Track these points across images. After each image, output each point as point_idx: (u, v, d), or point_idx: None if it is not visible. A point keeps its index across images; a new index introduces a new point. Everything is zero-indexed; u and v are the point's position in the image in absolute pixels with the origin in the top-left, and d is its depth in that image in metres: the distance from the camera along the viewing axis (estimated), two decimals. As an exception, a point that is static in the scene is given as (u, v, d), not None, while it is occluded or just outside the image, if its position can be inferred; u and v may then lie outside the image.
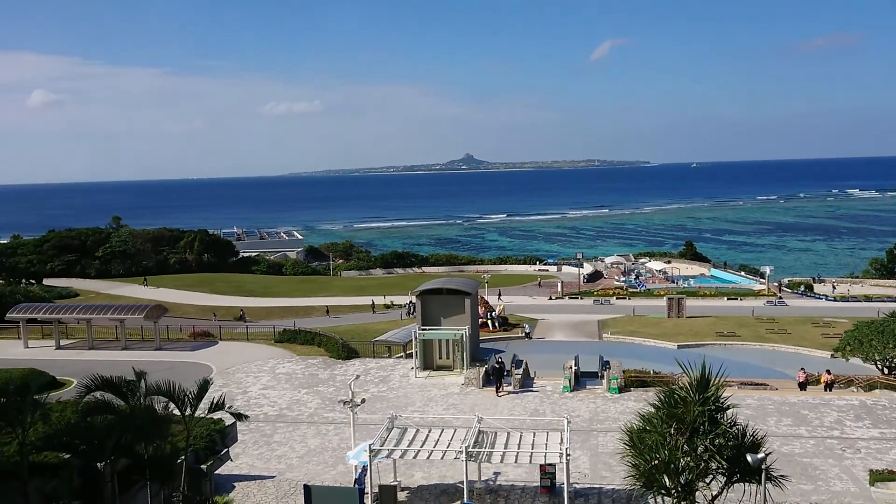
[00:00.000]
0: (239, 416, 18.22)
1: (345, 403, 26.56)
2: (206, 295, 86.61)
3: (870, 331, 41.84)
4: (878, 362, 41.92)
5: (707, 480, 18.13)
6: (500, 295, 79.01)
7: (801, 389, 38.77)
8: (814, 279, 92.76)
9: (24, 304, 54.63)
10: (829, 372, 39.57)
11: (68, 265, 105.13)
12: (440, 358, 43.38)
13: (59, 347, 51.75)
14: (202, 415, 16.42)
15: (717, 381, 18.58)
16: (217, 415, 19.07)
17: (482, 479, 26.62)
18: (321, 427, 33.83)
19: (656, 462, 18.13)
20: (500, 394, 37.30)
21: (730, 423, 18.52)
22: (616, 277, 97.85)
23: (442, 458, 23.91)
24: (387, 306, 76.44)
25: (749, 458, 17.70)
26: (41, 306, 54.72)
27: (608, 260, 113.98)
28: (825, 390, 38.03)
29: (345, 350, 46.98)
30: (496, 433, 25.50)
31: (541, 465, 25.13)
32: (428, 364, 43.03)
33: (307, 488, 22.33)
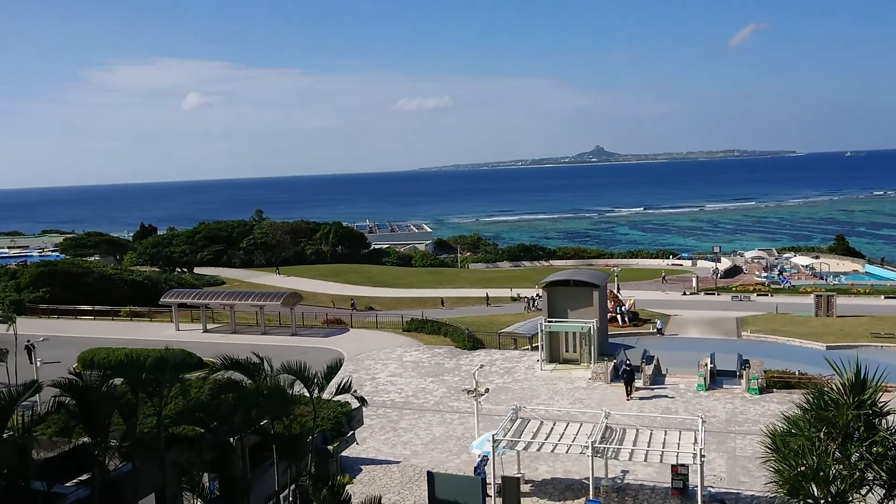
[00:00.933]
0: (362, 400, 18.54)
1: (469, 392, 26.49)
2: (338, 284, 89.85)
3: None
4: None
5: (863, 492, 16.40)
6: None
7: None
8: None
9: (175, 290, 58.93)
10: None
11: (216, 255, 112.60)
12: (567, 351, 42.50)
13: (205, 331, 55.32)
14: (329, 397, 16.73)
15: (874, 384, 16.77)
16: (341, 398, 19.47)
17: (609, 476, 25.71)
18: (446, 416, 34.01)
19: (803, 468, 16.60)
20: (629, 398, 35.59)
21: (891, 430, 16.67)
22: (757, 273, 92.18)
23: (567, 453, 23.30)
24: (514, 298, 76.00)
25: (913, 469, 15.81)
26: (190, 292, 58.74)
27: (748, 254, 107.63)
28: None
29: (470, 341, 47.09)
30: (624, 430, 24.53)
31: (672, 466, 23.91)
32: (554, 357, 42.27)
33: (430, 475, 22.41)
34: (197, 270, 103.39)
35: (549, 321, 42.03)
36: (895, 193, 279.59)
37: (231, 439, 14.56)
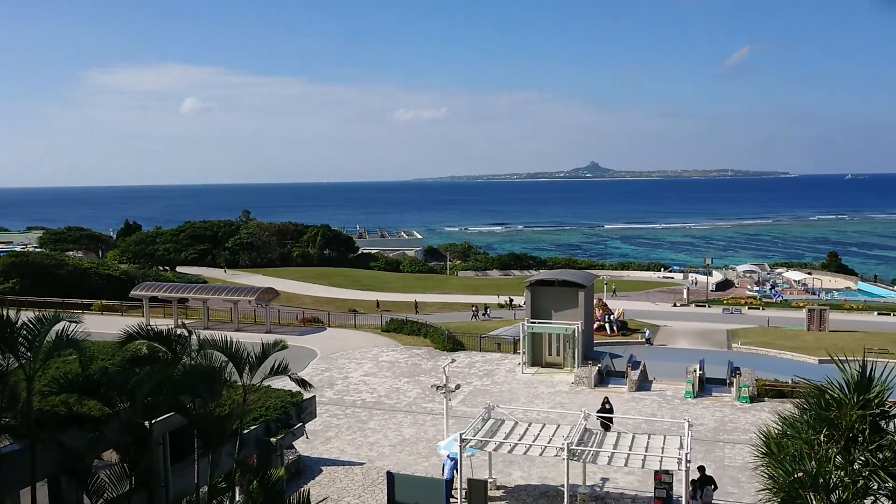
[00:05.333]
0: (303, 384, 16.57)
1: (438, 388, 24.58)
2: (323, 287, 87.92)
3: None
4: None
5: (867, 502, 14.56)
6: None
7: None
8: None
9: (146, 283, 56.84)
10: None
11: (200, 254, 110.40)
12: (550, 354, 40.60)
13: (177, 326, 53.18)
14: (261, 379, 14.79)
15: (882, 382, 14.97)
16: (294, 387, 17.54)
17: (587, 484, 23.77)
18: (418, 417, 32.06)
19: (800, 475, 14.73)
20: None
21: (898, 433, 14.86)
22: (748, 287, 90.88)
23: (541, 455, 21.34)
24: (500, 305, 74.25)
25: (926, 477, 13.99)
26: (162, 285, 56.65)
27: (740, 268, 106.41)
28: None
29: (450, 342, 45.19)
30: (605, 433, 22.65)
31: (655, 473, 22.00)
32: (536, 360, 40.37)
33: (390, 476, 20.49)
34: (180, 269, 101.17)
35: (532, 322, 40.17)
36: (885, 216, 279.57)
37: (147, 422, 12.63)
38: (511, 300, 74.25)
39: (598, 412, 27.08)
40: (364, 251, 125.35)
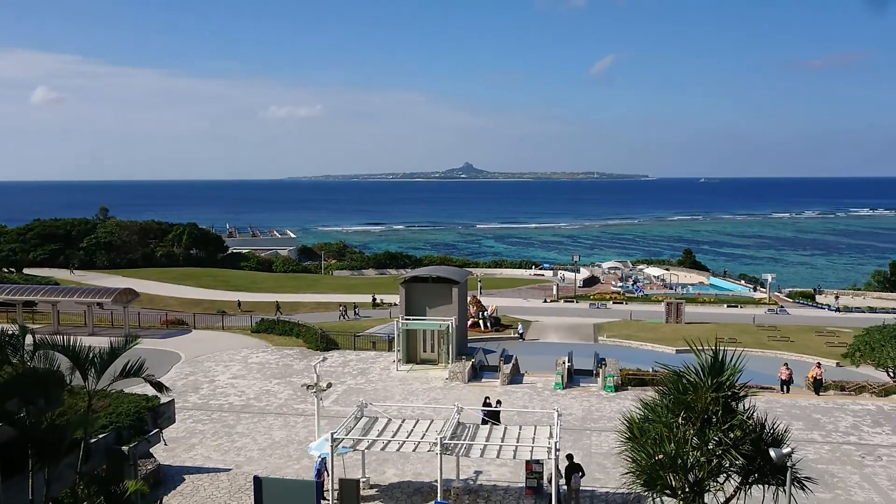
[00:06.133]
0: (159, 386, 15.41)
1: (309, 388, 23.80)
2: (190, 288, 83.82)
3: (881, 336, 39.24)
4: (891, 369, 39.24)
5: (720, 480, 15.34)
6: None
7: (783, 388, 35.71)
8: (815, 290, 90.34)
9: (-14, 285, 51.80)
10: (819, 365, 36.86)
11: (52, 255, 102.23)
12: (424, 351, 40.58)
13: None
14: (109, 383, 13.56)
15: (732, 366, 15.84)
16: (151, 391, 16.28)
17: (461, 478, 23.81)
18: (290, 419, 31.02)
19: (660, 457, 15.34)
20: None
21: (747, 413, 15.77)
22: (613, 283, 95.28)
23: (414, 451, 21.14)
24: (375, 304, 73.74)
25: (772, 452, 14.96)
26: (5, 287, 51.86)
27: (605, 265, 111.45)
28: (813, 385, 35.09)
29: (324, 341, 44.20)
30: (477, 426, 22.75)
31: (527, 463, 22.35)
32: (411, 357, 40.23)
33: (257, 481, 19.54)
34: (28, 271, 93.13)
35: (406, 319, 39.97)
36: (740, 217, 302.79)
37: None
38: (375, 299, 73.67)
39: (486, 413, 27.31)
40: (234, 251, 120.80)
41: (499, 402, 30.22)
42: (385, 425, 22.50)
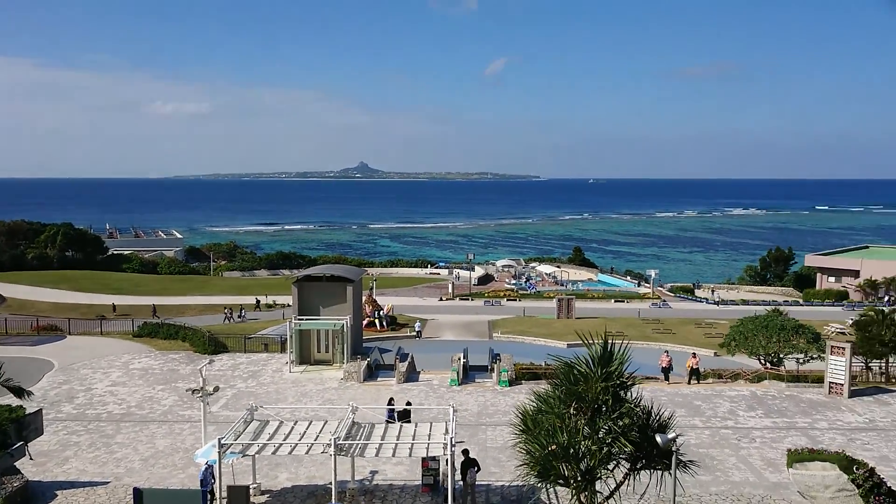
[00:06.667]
0: (20, 392, 14.20)
1: (194, 392, 22.66)
2: (66, 292, 78.60)
3: (754, 326, 41.72)
4: (762, 357, 41.84)
5: (610, 467, 15.72)
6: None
7: (664, 376, 37.35)
8: (694, 285, 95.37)
9: None
10: (694, 356, 38.87)
11: None
12: (319, 351, 39.72)
13: None
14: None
15: (620, 355, 16.27)
16: (14, 401, 14.91)
17: (357, 478, 23.37)
18: (175, 426, 29.49)
19: (553, 447, 15.54)
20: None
21: (635, 402, 16.24)
22: (507, 280, 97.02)
23: (307, 453, 20.48)
24: (269, 305, 71.74)
25: (658, 438, 15.46)
26: None
27: (499, 263, 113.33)
28: (690, 375, 36.82)
29: (212, 344, 42.42)
30: (373, 425, 22.37)
31: (423, 461, 22.20)
32: (305, 358, 39.27)
33: (137, 492, 18.38)
34: None
35: (299, 319, 38.97)
36: (625, 216, 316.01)
37: None
38: (259, 301, 71.33)
39: (397, 414, 26.95)
40: (115, 252, 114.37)
41: (409, 402, 29.97)
42: (277, 428, 21.73)
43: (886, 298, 79.49)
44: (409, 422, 24.17)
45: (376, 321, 60.23)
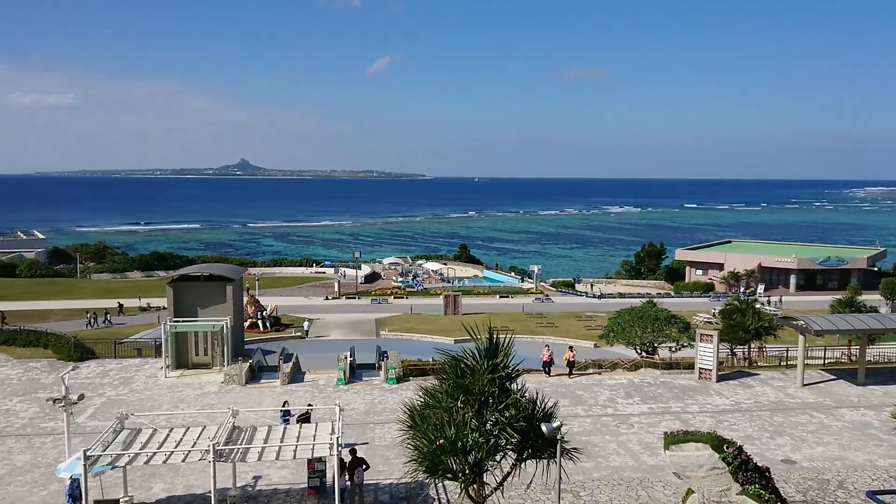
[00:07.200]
0: None
1: (56, 402, 20.93)
2: None
3: (630, 317, 43.58)
4: (638, 346, 43.78)
5: (498, 458, 15.78)
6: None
7: (545, 369, 38.00)
8: (575, 279, 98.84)
9: None
10: (571, 348, 40.09)
11: None
12: (197, 354, 37.89)
13: None
14: None
15: (505, 348, 16.39)
16: None
17: (238, 485, 22.39)
18: (35, 440, 27.21)
19: (441, 442, 15.42)
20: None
21: (520, 393, 16.40)
22: (394, 278, 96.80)
23: (184, 461, 19.34)
24: (143, 308, 67.97)
25: (544, 427, 15.66)
26: None
27: (386, 261, 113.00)
28: (567, 368, 37.77)
29: (78, 350, 39.55)
30: (255, 428, 21.46)
31: (308, 462, 21.57)
32: (182, 362, 37.36)
33: (-11, 513, 16.70)
34: None
35: (175, 321, 37.01)
36: (509, 214, 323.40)
37: None
38: (121, 305, 67.08)
39: (298, 418, 25.95)
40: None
41: (310, 405, 28.97)
42: (150, 437, 20.41)
43: (742, 289, 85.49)
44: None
45: (259, 322, 58.49)
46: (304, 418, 25.94)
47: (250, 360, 36.92)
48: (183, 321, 37.17)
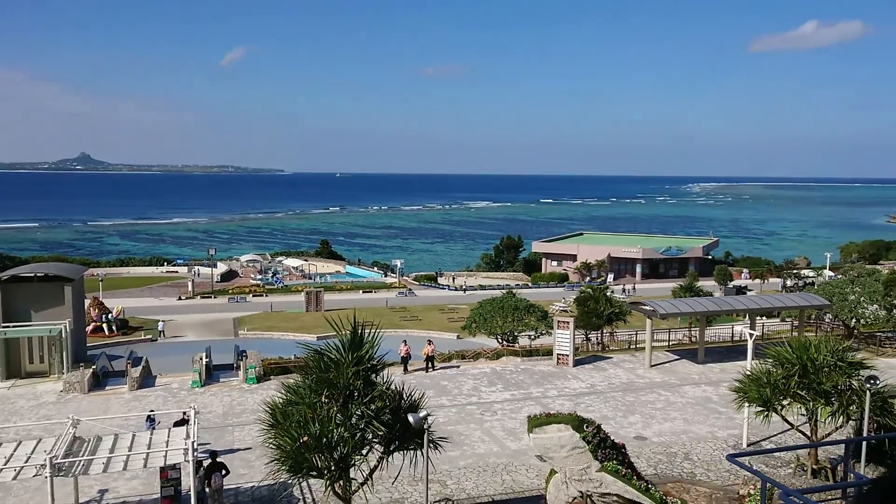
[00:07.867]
0: None
1: None
2: None
3: (491, 308, 44.58)
4: (500, 335, 44.87)
5: (364, 452, 15.44)
6: None
7: (403, 364, 37.18)
8: (437, 273, 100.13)
9: None
10: (430, 342, 40.26)
11: None
12: (31, 362, 34.57)
13: None
14: None
15: (371, 340, 16.07)
16: None
17: (81, 500, 20.60)
18: None
19: (305, 439, 14.86)
20: None
21: (386, 385, 16.15)
22: (252, 276, 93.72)
23: (16, 479, 17.46)
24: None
25: (410, 418, 15.51)
26: None
27: (243, 258, 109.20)
28: (426, 361, 37.48)
29: None
30: (100, 438, 19.80)
31: (161, 471, 20.19)
32: (13, 371, 33.95)
33: None
34: None
35: (4, 327, 33.56)
36: (370, 209, 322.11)
37: None
38: None
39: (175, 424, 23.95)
40: None
41: (185, 412, 26.91)
42: (-26, 455, 18.26)
43: (588, 279, 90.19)
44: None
45: (104, 325, 54.71)
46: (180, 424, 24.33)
47: (94, 366, 34.19)
48: (14, 326, 33.75)
